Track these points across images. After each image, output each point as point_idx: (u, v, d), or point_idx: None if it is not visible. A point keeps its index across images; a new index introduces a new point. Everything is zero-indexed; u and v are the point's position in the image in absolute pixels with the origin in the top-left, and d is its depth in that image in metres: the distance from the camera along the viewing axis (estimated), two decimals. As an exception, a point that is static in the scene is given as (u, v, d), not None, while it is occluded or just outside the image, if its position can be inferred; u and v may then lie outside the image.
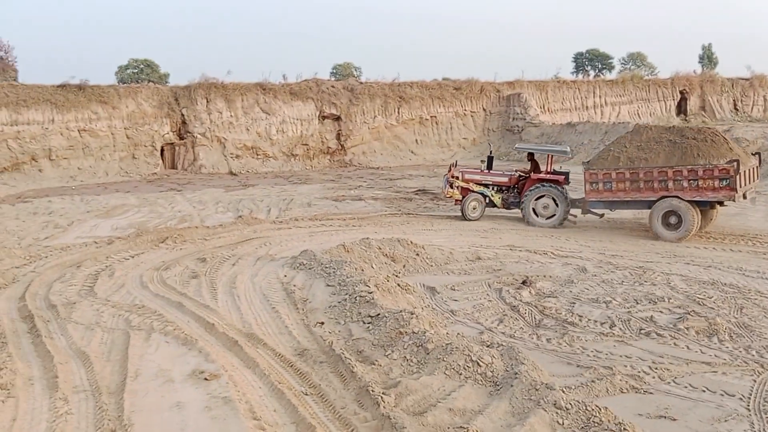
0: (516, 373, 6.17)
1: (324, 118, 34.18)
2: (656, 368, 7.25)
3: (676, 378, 7.04)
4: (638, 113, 41.47)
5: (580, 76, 50.80)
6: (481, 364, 6.51)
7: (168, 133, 30.79)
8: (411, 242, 12.95)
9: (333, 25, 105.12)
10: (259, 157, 31.97)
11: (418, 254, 12.48)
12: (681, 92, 43.20)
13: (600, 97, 41.32)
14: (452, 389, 6.24)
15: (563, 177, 17.42)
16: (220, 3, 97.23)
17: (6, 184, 25.54)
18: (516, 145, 22.50)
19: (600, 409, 5.61)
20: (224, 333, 8.20)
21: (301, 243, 14.04)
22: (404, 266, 12.00)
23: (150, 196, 22.53)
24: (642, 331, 8.50)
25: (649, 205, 15.31)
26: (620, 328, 8.63)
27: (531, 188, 17.31)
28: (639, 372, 7.13)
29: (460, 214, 17.88)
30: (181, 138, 31.13)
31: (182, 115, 31.13)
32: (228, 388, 6.46)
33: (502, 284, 10.75)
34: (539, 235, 15.24)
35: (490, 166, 18.92)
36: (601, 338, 8.33)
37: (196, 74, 32.24)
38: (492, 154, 19.57)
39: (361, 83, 36.93)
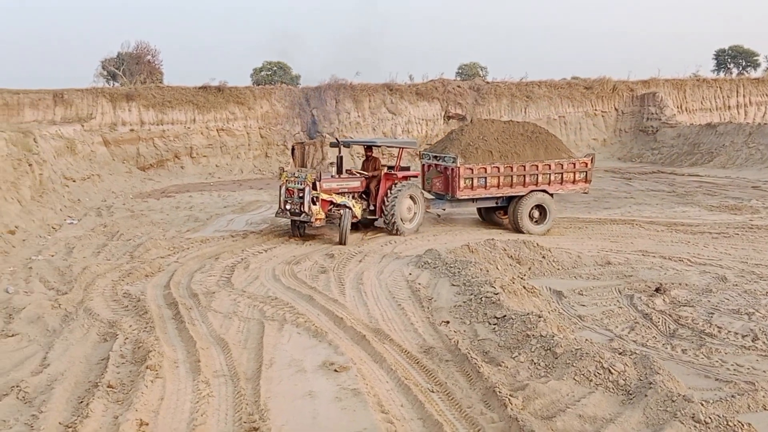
0: (651, 383, 5.91)
1: (449, 118, 34.25)
2: (805, 386, 6.71)
3: (828, 398, 6.49)
4: (787, 113, 38.53)
5: (722, 74, 47.80)
6: (613, 371, 6.30)
7: (299, 133, 31.95)
8: (537, 244, 12.73)
9: (460, 24, 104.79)
10: (384, 156, 32.50)
11: (544, 257, 12.24)
12: (838, 91, 39.65)
13: (744, 96, 38.77)
14: (582, 395, 6.09)
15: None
16: (347, 6, 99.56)
17: (152, 179, 27.43)
18: (342, 139, 17.23)
19: (743, 425, 5.28)
20: (352, 327, 8.42)
21: (426, 242, 14.16)
22: (530, 269, 11.80)
23: (281, 192, 23.38)
24: (789, 347, 7.90)
25: (508, 200, 15.70)
26: (764, 342, 8.05)
27: (393, 188, 14.73)
28: (786, 389, 6.63)
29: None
30: (311, 137, 32.20)
31: (312, 115, 32.19)
32: (357, 381, 6.64)
33: (633, 291, 10.30)
34: (674, 241, 14.46)
35: (341, 169, 15.31)
36: (742, 351, 7.82)
37: (326, 75, 33.26)
38: (341, 154, 15.34)
39: (488, 83, 36.67)
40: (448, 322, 8.65)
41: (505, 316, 8.22)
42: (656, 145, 34.46)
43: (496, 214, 16.78)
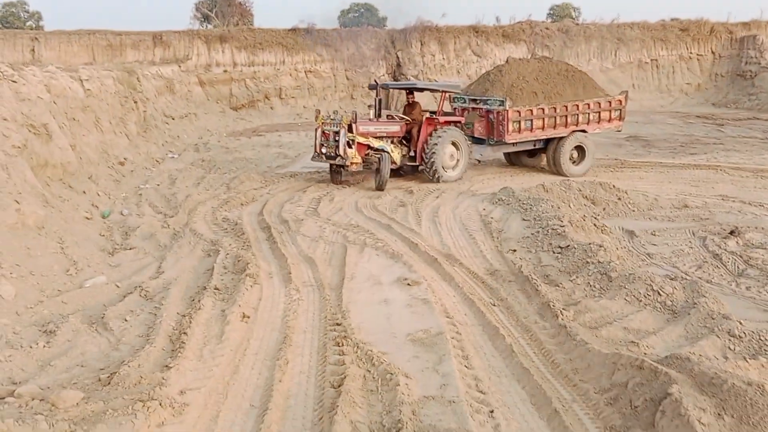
0: (695, 304, 6.43)
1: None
2: None
3: None
4: None
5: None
6: (661, 293, 6.82)
7: (383, 75, 32.44)
8: (613, 186, 12.87)
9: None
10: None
11: (619, 198, 12.41)
12: None
13: None
14: (630, 312, 6.67)
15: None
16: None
17: (243, 119, 28.73)
18: (381, 83, 15.94)
19: (775, 340, 5.73)
20: (425, 252, 9.21)
21: (502, 182, 14.64)
22: (604, 209, 12.01)
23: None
24: None
25: (546, 143, 15.58)
26: (834, 285, 8.16)
27: (436, 134, 14.11)
28: None
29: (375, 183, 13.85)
30: (396, 79, 32.65)
31: (397, 57, 32.56)
32: (427, 293, 7.50)
33: (707, 233, 10.31)
34: (758, 187, 14.26)
35: (380, 112, 14.68)
36: (809, 292, 7.96)
37: (412, 17, 33.43)
38: (380, 95, 14.75)
39: (577, 24, 35.91)
40: (515, 251, 9.28)
41: (568, 246, 8.77)
42: (754, 91, 33.08)
43: (525, 157, 16.66)
